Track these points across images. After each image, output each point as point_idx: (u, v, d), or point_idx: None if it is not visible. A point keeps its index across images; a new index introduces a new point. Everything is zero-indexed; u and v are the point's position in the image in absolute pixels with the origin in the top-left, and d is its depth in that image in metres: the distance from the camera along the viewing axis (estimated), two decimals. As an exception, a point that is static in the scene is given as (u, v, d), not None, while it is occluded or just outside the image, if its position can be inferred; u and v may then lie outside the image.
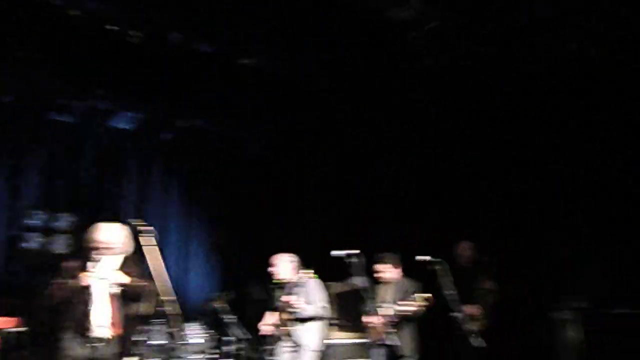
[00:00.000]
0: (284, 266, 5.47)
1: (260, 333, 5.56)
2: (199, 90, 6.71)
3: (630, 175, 6.30)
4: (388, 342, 5.45)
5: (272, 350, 5.45)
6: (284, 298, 5.37)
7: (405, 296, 5.54)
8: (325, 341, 5.55)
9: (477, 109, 6.97)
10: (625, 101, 5.98)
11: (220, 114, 7.19)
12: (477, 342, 5.23)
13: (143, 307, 5.40)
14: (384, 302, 5.57)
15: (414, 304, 5.33)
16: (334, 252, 5.21)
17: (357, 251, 5.27)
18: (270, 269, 5.53)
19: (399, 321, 5.42)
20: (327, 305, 5.47)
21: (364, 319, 5.68)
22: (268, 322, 5.50)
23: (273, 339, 5.48)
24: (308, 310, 5.30)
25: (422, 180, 7.64)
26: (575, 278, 6.83)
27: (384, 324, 5.45)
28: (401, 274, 5.80)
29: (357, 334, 6.22)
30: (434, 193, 7.69)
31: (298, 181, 7.82)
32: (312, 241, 6.57)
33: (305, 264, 5.61)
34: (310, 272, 5.45)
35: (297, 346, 5.34)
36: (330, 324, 5.76)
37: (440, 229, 7.04)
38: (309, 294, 5.36)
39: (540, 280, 6.72)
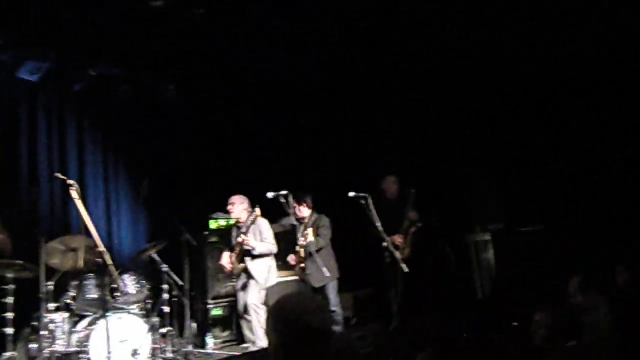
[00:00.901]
0: (238, 207, 5.79)
1: (223, 269, 5.93)
2: (109, 35, 6.36)
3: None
4: (301, 277, 5.92)
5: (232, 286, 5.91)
6: (238, 238, 5.65)
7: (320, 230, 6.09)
8: (274, 279, 5.81)
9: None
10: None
11: (135, 60, 6.88)
12: (403, 268, 5.63)
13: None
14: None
15: (306, 237, 5.85)
16: (269, 194, 5.42)
17: (286, 192, 5.46)
18: (228, 208, 5.87)
19: (306, 255, 5.82)
20: (275, 243, 5.81)
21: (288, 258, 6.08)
22: (226, 260, 5.83)
23: (232, 275, 5.80)
24: (259, 248, 5.66)
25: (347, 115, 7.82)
26: (486, 203, 7.38)
27: (297, 260, 5.91)
28: (310, 211, 6.18)
29: (290, 272, 6.51)
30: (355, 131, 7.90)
31: (223, 129, 7.76)
32: (245, 184, 6.64)
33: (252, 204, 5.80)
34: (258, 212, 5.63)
35: (249, 281, 5.65)
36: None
37: (368, 165, 7.33)
38: (261, 233, 5.74)
39: (456, 207, 7.21)
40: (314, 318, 1.82)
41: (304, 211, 6.16)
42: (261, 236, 5.73)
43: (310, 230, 5.98)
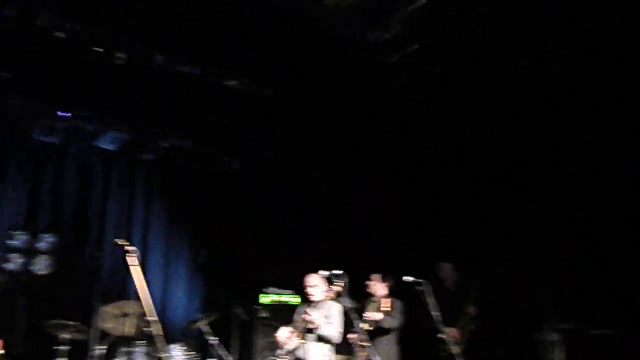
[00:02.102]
0: (318, 289, 5.39)
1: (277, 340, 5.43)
2: (182, 111, 6.80)
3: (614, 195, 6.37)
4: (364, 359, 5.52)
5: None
6: (306, 315, 5.25)
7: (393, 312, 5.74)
8: None
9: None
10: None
11: (204, 135, 7.27)
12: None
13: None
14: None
15: (376, 314, 5.55)
16: (321, 272, 5.26)
17: (341, 271, 5.29)
18: (306, 288, 5.43)
19: (374, 335, 5.48)
20: (341, 332, 5.36)
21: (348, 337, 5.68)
22: (283, 334, 5.37)
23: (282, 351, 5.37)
24: (325, 330, 5.22)
25: (405, 198, 7.72)
26: (560, 299, 6.86)
27: (360, 340, 5.45)
28: (386, 293, 5.92)
29: (346, 357, 6.22)
30: (415, 212, 7.75)
31: (281, 201, 7.88)
32: (298, 260, 6.60)
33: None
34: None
35: None
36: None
37: (423, 250, 7.09)
38: (332, 317, 5.30)
39: (523, 301, 6.74)
40: None
41: (381, 291, 5.91)
42: (328, 320, 5.28)
43: (387, 306, 5.71)
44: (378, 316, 5.67)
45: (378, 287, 5.92)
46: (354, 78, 6.38)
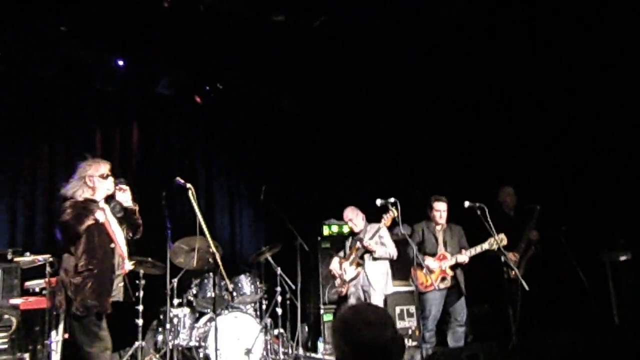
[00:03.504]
0: (358, 219, 5.70)
1: (332, 273, 5.81)
2: (235, 51, 6.81)
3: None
4: (442, 286, 5.56)
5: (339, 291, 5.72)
6: (357, 243, 5.56)
7: (462, 240, 5.73)
8: (391, 287, 5.71)
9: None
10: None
11: (259, 73, 7.29)
12: (523, 285, 5.18)
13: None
14: (445, 246, 5.67)
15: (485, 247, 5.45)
16: (378, 201, 5.29)
17: (394, 199, 5.28)
18: (348, 222, 5.71)
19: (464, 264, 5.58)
20: (395, 248, 5.64)
21: (430, 264, 5.66)
22: (336, 265, 5.75)
23: (340, 281, 5.70)
24: (379, 251, 5.53)
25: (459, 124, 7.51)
26: (633, 216, 6.52)
27: (450, 268, 5.56)
28: None
29: (405, 282, 6.35)
30: (474, 137, 7.53)
31: (336, 138, 7.89)
32: (357, 192, 6.66)
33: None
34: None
35: (366, 287, 5.53)
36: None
37: (482, 174, 6.94)
38: (382, 237, 5.60)
39: (591, 219, 6.46)
40: (370, 333, 1.76)
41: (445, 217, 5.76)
42: (381, 241, 5.59)
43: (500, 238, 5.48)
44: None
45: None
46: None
